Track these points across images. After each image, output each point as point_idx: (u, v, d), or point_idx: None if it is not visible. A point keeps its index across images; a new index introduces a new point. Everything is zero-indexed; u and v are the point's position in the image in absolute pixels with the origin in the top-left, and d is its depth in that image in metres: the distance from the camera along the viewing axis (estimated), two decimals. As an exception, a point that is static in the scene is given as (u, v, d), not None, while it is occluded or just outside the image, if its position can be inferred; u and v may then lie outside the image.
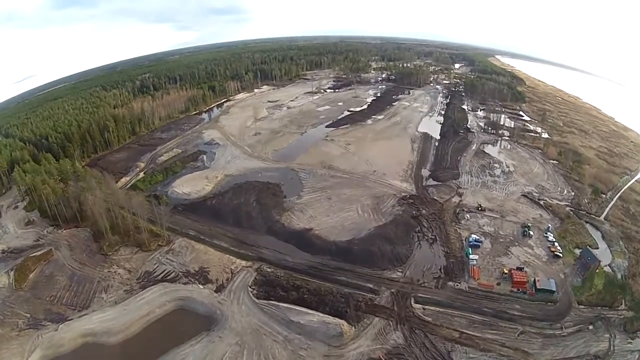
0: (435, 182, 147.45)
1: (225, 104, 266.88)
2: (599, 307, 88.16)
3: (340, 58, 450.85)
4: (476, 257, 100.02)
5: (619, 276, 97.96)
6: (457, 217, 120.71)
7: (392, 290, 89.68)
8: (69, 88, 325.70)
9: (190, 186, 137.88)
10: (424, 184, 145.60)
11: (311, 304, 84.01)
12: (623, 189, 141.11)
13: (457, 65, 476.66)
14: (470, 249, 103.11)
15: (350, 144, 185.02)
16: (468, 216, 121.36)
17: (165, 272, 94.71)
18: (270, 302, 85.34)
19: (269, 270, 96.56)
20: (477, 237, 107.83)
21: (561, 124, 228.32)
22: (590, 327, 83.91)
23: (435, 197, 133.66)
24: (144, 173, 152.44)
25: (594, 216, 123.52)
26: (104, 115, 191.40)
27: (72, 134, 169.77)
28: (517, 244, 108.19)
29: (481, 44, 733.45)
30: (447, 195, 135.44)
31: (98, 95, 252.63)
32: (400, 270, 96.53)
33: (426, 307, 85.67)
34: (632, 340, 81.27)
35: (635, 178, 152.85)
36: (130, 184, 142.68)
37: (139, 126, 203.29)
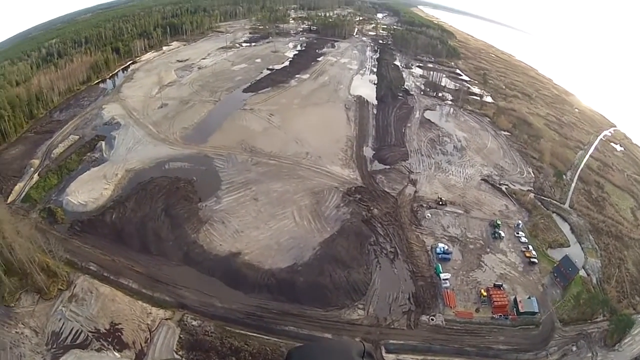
0: (382, 166, 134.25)
1: (130, 68, 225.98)
2: (579, 322, 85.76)
3: (256, 7, 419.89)
4: (448, 276, 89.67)
5: (594, 280, 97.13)
6: (417, 217, 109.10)
7: (357, 339, 75.00)
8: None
9: (86, 191, 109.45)
10: (369, 169, 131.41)
11: (258, 376, 67.97)
12: (580, 167, 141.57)
13: (380, 15, 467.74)
14: (439, 265, 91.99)
15: (273, 114, 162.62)
16: (429, 214, 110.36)
17: (73, 332, 74.57)
18: (207, 377, 68.13)
19: (194, 323, 76.59)
20: (445, 247, 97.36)
21: (503, 86, 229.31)
22: (574, 348, 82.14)
23: (386, 189, 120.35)
24: (38, 174, 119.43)
25: (558, 204, 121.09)
26: (2, 101, 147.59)
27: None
28: (488, 250, 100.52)
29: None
30: (400, 185, 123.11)
31: (3, 72, 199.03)
32: (362, 306, 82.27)
33: (401, 357, 73.57)
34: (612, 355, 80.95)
35: (589, 153, 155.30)
36: (23, 194, 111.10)
37: (37, 107, 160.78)
